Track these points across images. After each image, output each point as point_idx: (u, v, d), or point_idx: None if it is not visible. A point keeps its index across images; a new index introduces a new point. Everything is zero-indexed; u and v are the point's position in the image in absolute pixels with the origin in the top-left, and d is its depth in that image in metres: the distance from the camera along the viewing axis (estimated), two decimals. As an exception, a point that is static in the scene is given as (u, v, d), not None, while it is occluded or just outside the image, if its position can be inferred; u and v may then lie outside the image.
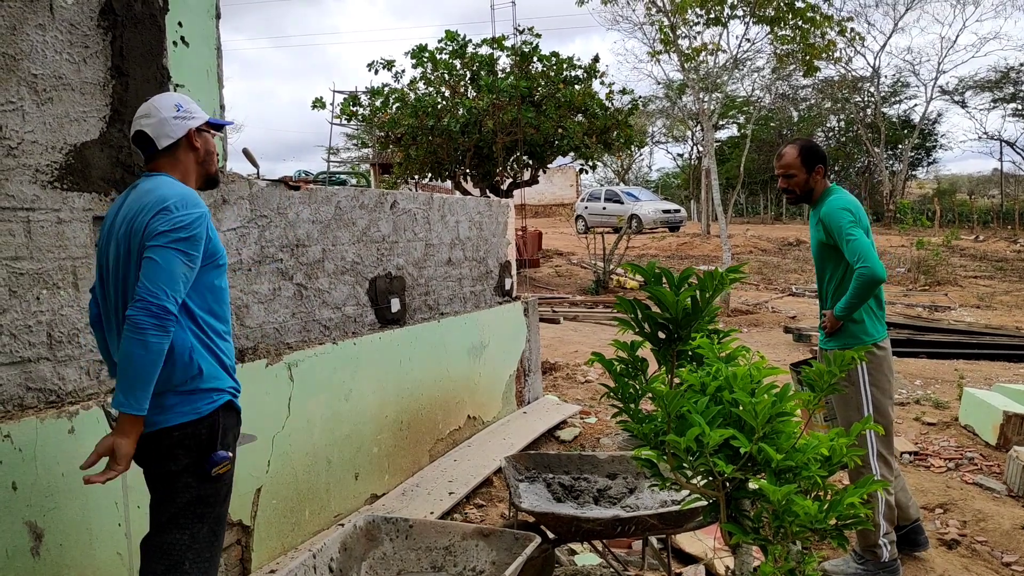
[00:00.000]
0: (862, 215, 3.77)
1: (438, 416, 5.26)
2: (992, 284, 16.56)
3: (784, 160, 3.91)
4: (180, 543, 2.33)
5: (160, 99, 2.47)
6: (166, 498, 2.36)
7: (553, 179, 38.07)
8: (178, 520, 2.34)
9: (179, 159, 2.44)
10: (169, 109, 2.42)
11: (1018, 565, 4.18)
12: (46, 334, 2.84)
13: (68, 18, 2.89)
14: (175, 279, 2.20)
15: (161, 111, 2.41)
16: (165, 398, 2.30)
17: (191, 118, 2.44)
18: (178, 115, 2.42)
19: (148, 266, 2.19)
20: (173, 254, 2.21)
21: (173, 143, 2.41)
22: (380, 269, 4.82)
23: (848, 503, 2.39)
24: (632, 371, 2.63)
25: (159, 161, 2.43)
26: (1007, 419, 5.77)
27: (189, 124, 2.43)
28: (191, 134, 2.44)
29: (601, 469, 3.85)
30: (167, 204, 2.25)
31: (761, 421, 2.33)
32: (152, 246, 2.21)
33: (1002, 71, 34.27)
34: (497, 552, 2.86)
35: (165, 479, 2.35)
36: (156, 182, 2.36)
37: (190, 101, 2.49)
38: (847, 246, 3.67)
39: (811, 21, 12.74)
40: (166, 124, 2.40)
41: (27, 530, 2.61)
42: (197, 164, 2.49)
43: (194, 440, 2.33)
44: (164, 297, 2.16)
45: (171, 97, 2.48)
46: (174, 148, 2.42)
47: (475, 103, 15.85)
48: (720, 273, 2.38)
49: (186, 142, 2.44)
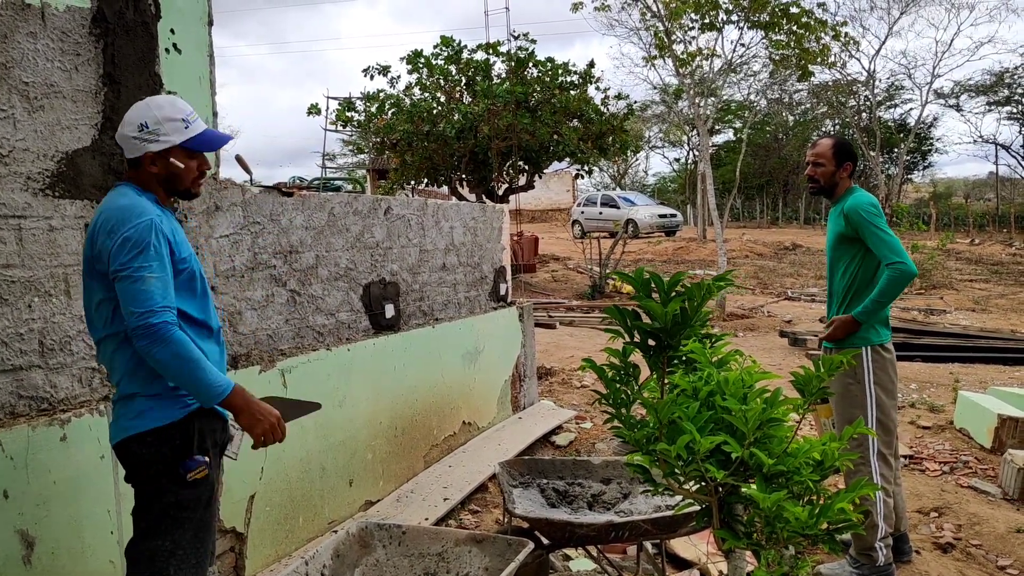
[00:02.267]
0: (881, 213, 3.79)
1: (433, 422, 5.26)
2: (988, 287, 16.60)
3: (817, 149, 3.97)
4: (163, 549, 2.33)
5: (135, 110, 2.40)
6: (146, 504, 2.36)
7: (549, 184, 38.08)
8: (159, 526, 2.33)
9: (140, 174, 2.40)
10: (132, 127, 2.36)
11: (1013, 568, 4.18)
12: (38, 342, 2.84)
13: (59, 26, 2.89)
14: (139, 295, 2.19)
15: (125, 126, 2.37)
16: (136, 402, 2.33)
17: (153, 141, 2.35)
18: (139, 135, 2.35)
19: (121, 297, 2.23)
20: (130, 279, 2.20)
21: (134, 158, 2.39)
22: (374, 275, 4.82)
23: (839, 507, 2.40)
24: (624, 377, 2.63)
25: (128, 168, 2.44)
26: (1001, 422, 5.78)
27: (147, 147, 2.35)
28: (147, 157, 2.37)
29: (595, 474, 3.85)
30: (109, 226, 2.26)
31: (752, 427, 2.34)
32: (114, 277, 2.23)
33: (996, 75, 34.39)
34: (490, 558, 2.86)
35: (143, 484, 2.36)
36: (112, 195, 2.37)
37: (167, 119, 2.37)
38: (879, 241, 3.68)
39: (806, 26, 12.78)
40: (125, 140, 2.38)
41: (19, 538, 2.61)
42: (157, 183, 2.41)
43: (168, 445, 2.32)
44: (136, 318, 2.18)
45: (147, 111, 2.38)
46: (135, 162, 2.39)
47: (471, 108, 15.87)
48: (708, 284, 2.39)
49: (146, 161, 2.38)
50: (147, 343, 2.18)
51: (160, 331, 2.17)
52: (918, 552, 4.26)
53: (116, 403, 2.39)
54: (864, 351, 3.78)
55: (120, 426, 2.34)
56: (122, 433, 2.34)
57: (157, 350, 2.18)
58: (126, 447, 2.34)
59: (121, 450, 2.36)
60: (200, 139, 2.45)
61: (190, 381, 2.24)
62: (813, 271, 19.78)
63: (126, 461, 2.38)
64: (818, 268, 19.79)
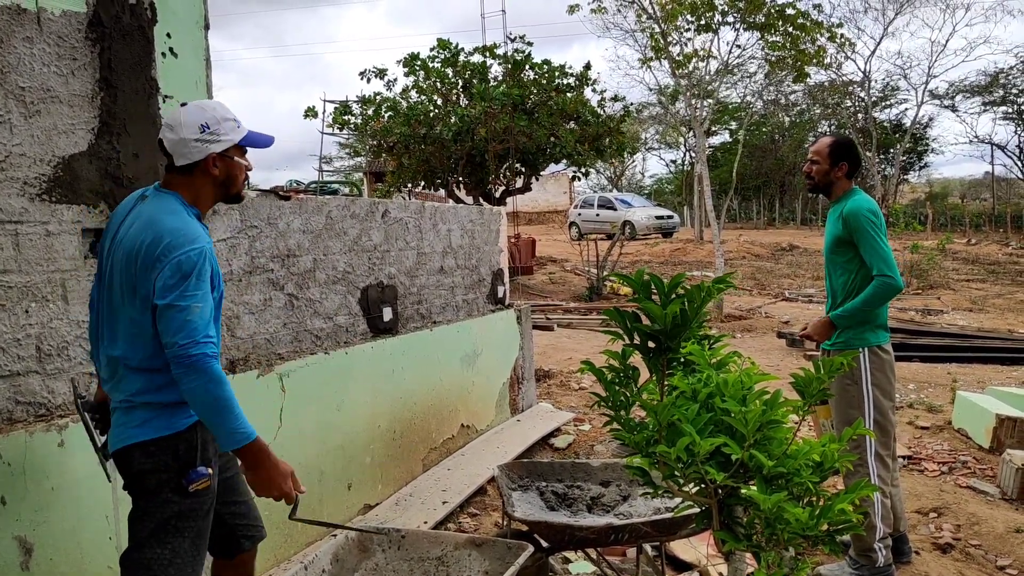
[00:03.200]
0: (882, 222, 3.79)
1: (431, 425, 5.25)
2: (985, 287, 16.63)
3: (816, 146, 4.01)
4: (162, 558, 2.29)
5: (190, 113, 2.32)
6: (146, 513, 2.32)
7: (546, 186, 38.10)
8: (158, 535, 2.29)
9: (194, 181, 2.34)
10: (192, 129, 2.28)
11: (1012, 568, 4.18)
12: (35, 347, 2.83)
13: (56, 31, 2.89)
14: (184, 325, 2.15)
15: (184, 129, 2.28)
16: (139, 411, 2.29)
17: (215, 141, 2.31)
18: (201, 137, 2.28)
19: (162, 322, 2.18)
20: (176, 307, 2.16)
21: (189, 164, 2.31)
22: (372, 278, 4.81)
23: (839, 509, 2.39)
24: (623, 379, 2.63)
25: (174, 177, 2.34)
26: (1000, 422, 5.79)
27: (210, 149, 2.30)
28: (211, 159, 2.32)
29: (594, 477, 3.85)
30: (163, 245, 2.19)
31: (752, 428, 2.33)
32: (160, 305, 2.17)
33: (991, 75, 34.44)
34: (490, 562, 2.85)
35: (144, 494, 2.32)
36: (160, 207, 2.28)
37: (223, 119, 2.34)
38: (872, 251, 3.69)
39: (801, 27, 12.80)
40: (184, 145, 2.29)
41: (17, 544, 2.60)
42: (213, 188, 2.38)
43: (172, 455, 2.29)
44: (178, 348, 2.14)
45: (203, 112, 2.32)
46: (190, 168, 2.32)
47: (468, 111, 15.87)
48: (708, 286, 2.39)
49: (204, 165, 2.32)
50: (183, 372, 2.14)
51: (199, 363, 2.14)
52: (917, 552, 4.26)
53: (117, 410, 2.35)
54: (862, 352, 3.79)
55: (123, 434, 2.30)
56: (124, 441, 2.29)
57: (192, 380, 2.14)
58: (128, 455, 2.30)
59: (122, 458, 2.32)
60: (251, 137, 2.42)
61: (215, 419, 2.19)
62: (810, 272, 19.81)
63: (127, 469, 2.33)
64: (815, 269, 19.82)
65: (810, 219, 39.84)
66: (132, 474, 2.32)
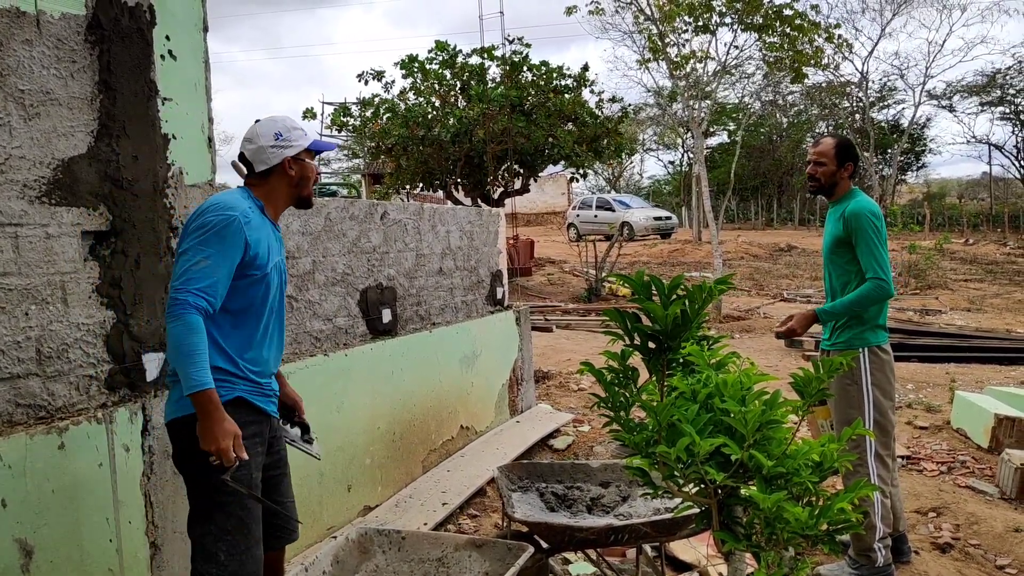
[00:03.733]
0: (883, 225, 3.81)
1: (431, 426, 5.26)
2: (982, 287, 16.65)
3: (820, 148, 3.95)
4: (210, 534, 2.45)
5: (264, 125, 2.64)
6: (190, 489, 2.52)
7: (545, 188, 38.11)
8: (203, 511, 2.46)
9: (270, 183, 2.64)
10: (268, 138, 2.60)
11: (1012, 568, 4.19)
12: (35, 350, 2.83)
13: (55, 33, 2.89)
14: (187, 273, 2.36)
15: (261, 139, 2.60)
16: (176, 389, 2.47)
17: (288, 147, 2.62)
18: (276, 144, 2.60)
19: (174, 266, 2.43)
20: (190, 253, 2.38)
21: (267, 168, 2.61)
22: (371, 280, 4.82)
23: (839, 508, 2.40)
24: (623, 380, 2.63)
25: (252, 180, 2.65)
26: (998, 422, 5.80)
27: (285, 153, 2.61)
28: (286, 162, 2.62)
29: (594, 478, 3.85)
30: (199, 209, 2.48)
31: (751, 428, 2.34)
32: (178, 251, 2.45)
33: (989, 75, 34.48)
34: (490, 563, 2.86)
35: (184, 470, 2.53)
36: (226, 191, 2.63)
37: (293, 128, 2.65)
38: (869, 254, 3.71)
39: (799, 28, 12.81)
40: (263, 152, 2.61)
41: (17, 547, 2.60)
42: (289, 188, 2.67)
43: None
44: (174, 290, 2.35)
45: (275, 124, 2.64)
46: (268, 173, 2.63)
47: (466, 112, 15.88)
48: (709, 286, 2.40)
49: (280, 169, 2.63)
50: (169, 314, 2.34)
51: (181, 311, 2.32)
52: (917, 552, 4.27)
53: (169, 383, 2.57)
54: (861, 352, 3.79)
55: (169, 408, 2.53)
56: (169, 415, 2.52)
57: (172, 324, 2.33)
58: (173, 427, 2.52)
59: (169, 430, 2.55)
60: (318, 143, 2.73)
61: (179, 362, 2.34)
62: (809, 272, 19.81)
63: (172, 440, 2.54)
64: (813, 269, 19.83)
65: (808, 219, 39.86)
66: (176, 445, 2.53)
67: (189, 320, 2.32)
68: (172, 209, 3.32)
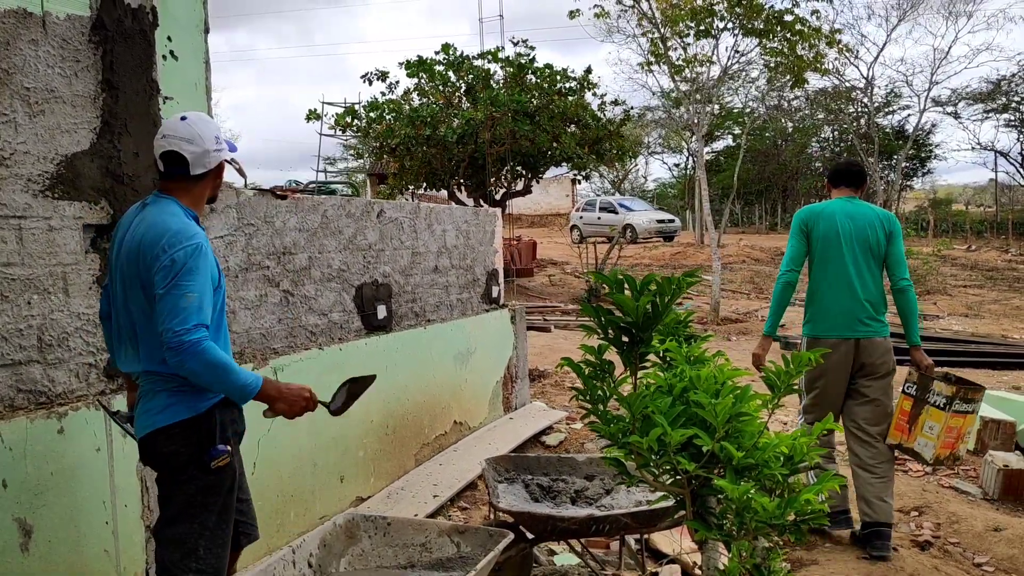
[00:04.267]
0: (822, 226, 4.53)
1: (424, 421, 5.36)
2: (982, 293, 16.69)
3: None
4: (192, 532, 2.48)
5: (201, 126, 2.51)
6: (174, 492, 2.50)
7: (548, 189, 38.22)
8: (188, 511, 2.47)
9: (197, 186, 2.54)
10: (212, 140, 2.50)
11: (989, 566, 4.27)
12: (36, 338, 2.94)
13: (60, 33, 3.00)
14: (178, 312, 2.30)
15: (205, 141, 2.48)
16: (160, 398, 2.46)
17: (222, 149, 2.56)
18: (217, 147, 2.53)
19: (158, 308, 2.34)
20: (173, 294, 2.32)
21: (205, 172, 2.52)
22: (367, 276, 4.92)
23: (805, 499, 2.49)
24: (600, 374, 2.73)
25: (175, 183, 2.51)
26: (984, 425, 5.88)
27: (222, 156, 2.56)
28: (221, 165, 2.59)
29: (579, 471, 3.95)
30: (162, 242, 2.36)
31: (721, 420, 2.43)
32: (158, 294, 2.34)
33: (994, 82, 34.43)
34: (472, 548, 2.96)
35: (171, 474, 2.50)
36: (160, 210, 2.45)
37: (219, 130, 2.59)
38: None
39: (799, 34, 12.89)
40: (207, 156, 2.50)
41: (17, 526, 2.71)
42: (213, 189, 2.63)
43: (195, 435, 2.47)
44: (172, 335, 2.28)
45: (210, 125, 2.55)
46: (200, 176, 2.52)
47: (472, 114, 15.99)
48: (678, 279, 2.49)
49: (214, 172, 2.56)
50: (179, 358, 2.29)
51: (191, 348, 2.28)
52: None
53: (142, 397, 2.51)
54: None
55: (148, 421, 2.47)
56: (149, 427, 2.47)
57: (189, 363, 2.29)
58: (153, 440, 2.47)
59: (147, 443, 2.50)
60: (230, 142, 2.66)
61: (224, 385, 2.38)
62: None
63: (152, 453, 2.50)
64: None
65: (812, 224, 39.64)
66: (157, 457, 2.50)
67: (205, 347, 2.30)
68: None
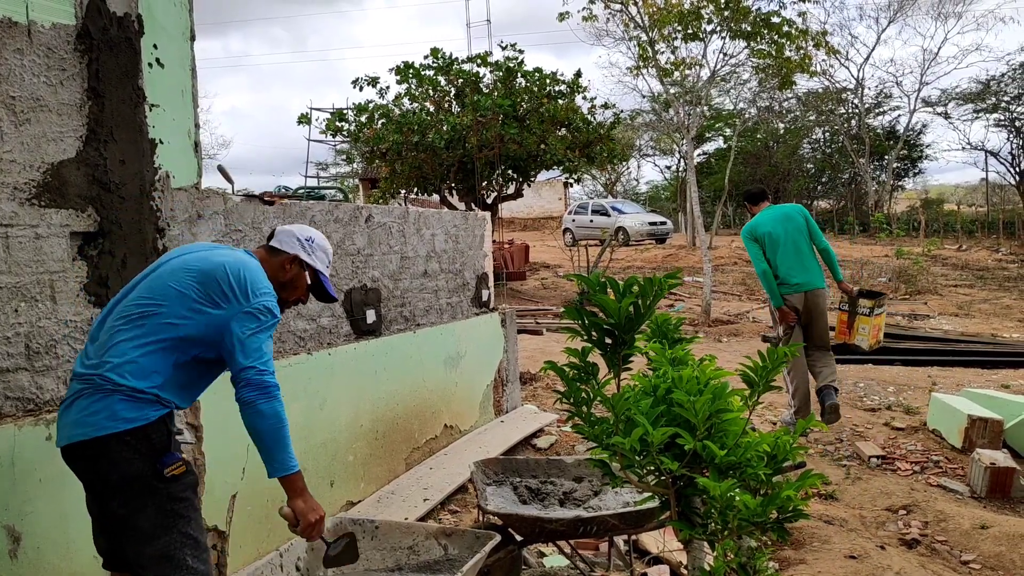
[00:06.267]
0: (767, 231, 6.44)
1: (414, 425, 5.37)
2: (972, 292, 16.76)
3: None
4: (174, 543, 2.42)
5: (310, 229, 2.88)
6: (141, 506, 2.40)
7: (541, 192, 38.30)
8: (163, 522, 2.40)
9: (272, 262, 2.74)
10: (302, 233, 2.82)
11: (976, 563, 4.31)
12: (24, 345, 2.95)
13: (45, 42, 3.02)
14: (263, 354, 2.46)
15: (296, 231, 2.82)
16: (113, 401, 2.37)
17: (305, 252, 2.79)
18: (301, 242, 2.80)
19: (241, 347, 2.44)
20: (259, 337, 2.47)
21: (278, 250, 2.78)
22: (355, 281, 4.94)
23: (786, 496, 2.52)
24: (583, 376, 2.76)
25: (264, 251, 2.79)
26: (971, 423, 5.92)
27: (298, 252, 2.78)
28: (292, 258, 2.77)
29: (568, 473, 3.97)
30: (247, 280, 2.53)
31: (701, 418, 2.46)
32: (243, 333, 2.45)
33: (983, 82, 34.61)
34: (459, 550, 2.98)
35: (125, 486, 2.39)
36: (242, 253, 2.69)
37: (324, 249, 2.86)
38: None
39: (787, 36, 12.96)
40: (290, 236, 2.81)
41: (5, 533, 2.72)
42: (277, 280, 2.73)
43: (146, 444, 2.39)
44: (257, 372, 2.42)
45: (316, 234, 2.86)
46: (276, 253, 2.78)
47: (460, 119, 16.03)
48: (659, 280, 2.52)
49: (285, 260, 2.77)
50: (258, 394, 2.41)
51: (273, 389, 2.43)
52: (883, 548, 4.39)
53: (82, 397, 2.41)
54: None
55: (98, 425, 2.36)
56: (98, 431, 2.36)
57: (263, 403, 2.41)
58: (106, 445, 2.36)
59: (96, 447, 2.37)
60: (326, 281, 2.88)
61: (275, 443, 2.47)
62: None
63: (102, 460, 2.38)
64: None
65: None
66: (109, 465, 2.38)
67: (280, 396, 2.44)
68: (159, 211, 3.45)
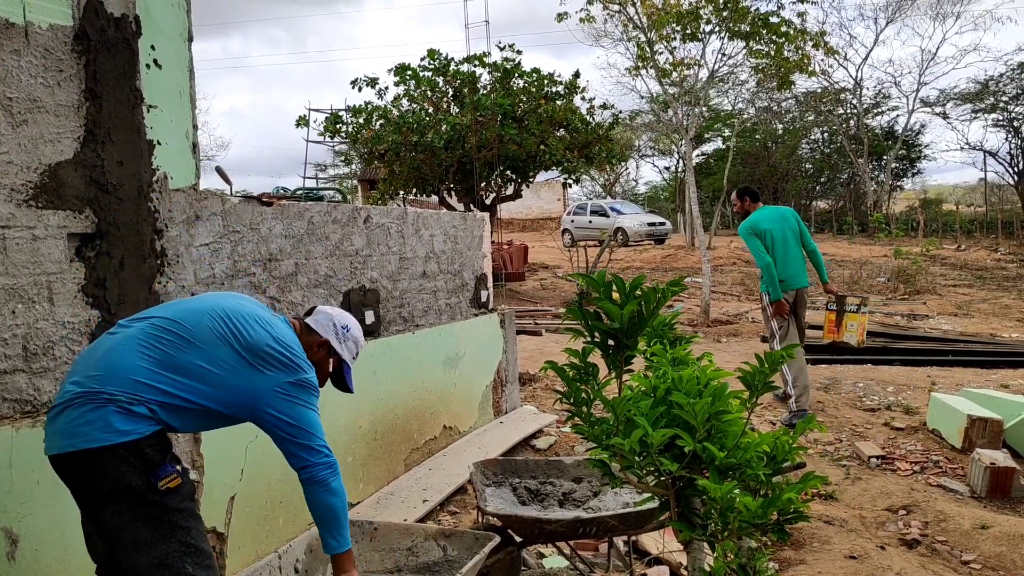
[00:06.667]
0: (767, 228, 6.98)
1: (413, 426, 5.36)
2: (971, 292, 16.76)
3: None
4: (173, 551, 2.36)
5: (349, 317, 2.96)
6: (134, 518, 2.35)
7: (540, 193, 38.31)
8: (158, 531, 2.35)
9: (305, 340, 2.79)
10: (339, 320, 2.89)
11: (976, 563, 4.31)
12: (21, 347, 2.94)
13: (43, 43, 3.01)
14: (320, 432, 2.63)
15: (335, 317, 2.90)
16: (107, 412, 2.33)
17: (336, 340, 2.85)
18: (336, 328, 2.87)
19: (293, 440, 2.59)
20: (312, 413, 2.63)
21: (312, 330, 2.85)
22: (354, 282, 4.93)
23: (787, 498, 2.51)
24: (584, 376, 2.75)
25: (302, 325, 2.86)
26: (971, 423, 5.92)
27: (329, 337, 2.84)
28: (322, 341, 2.83)
29: (567, 474, 3.96)
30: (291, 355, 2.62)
31: (700, 419, 2.45)
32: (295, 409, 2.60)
33: (982, 82, 34.63)
34: (458, 551, 2.97)
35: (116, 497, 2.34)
36: (285, 326, 2.75)
37: (356, 341, 2.93)
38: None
39: (785, 36, 12.96)
40: (327, 318, 2.88)
41: (3, 535, 2.71)
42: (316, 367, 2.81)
43: (140, 458, 2.34)
44: (324, 455, 2.60)
45: (353, 323, 2.94)
46: (311, 331, 2.84)
47: (458, 120, 16.03)
48: (663, 288, 2.52)
49: (317, 341, 2.83)
50: (331, 475, 2.58)
51: (338, 479, 2.61)
52: (883, 548, 4.38)
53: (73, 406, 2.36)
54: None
55: (87, 434, 2.31)
56: (91, 443, 2.30)
57: (337, 483, 2.59)
58: (100, 457, 2.31)
59: (88, 459, 2.32)
60: (348, 372, 2.95)
61: (337, 521, 2.60)
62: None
63: (96, 473, 2.33)
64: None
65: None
66: (102, 477, 2.33)
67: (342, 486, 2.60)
68: (156, 213, 3.44)
